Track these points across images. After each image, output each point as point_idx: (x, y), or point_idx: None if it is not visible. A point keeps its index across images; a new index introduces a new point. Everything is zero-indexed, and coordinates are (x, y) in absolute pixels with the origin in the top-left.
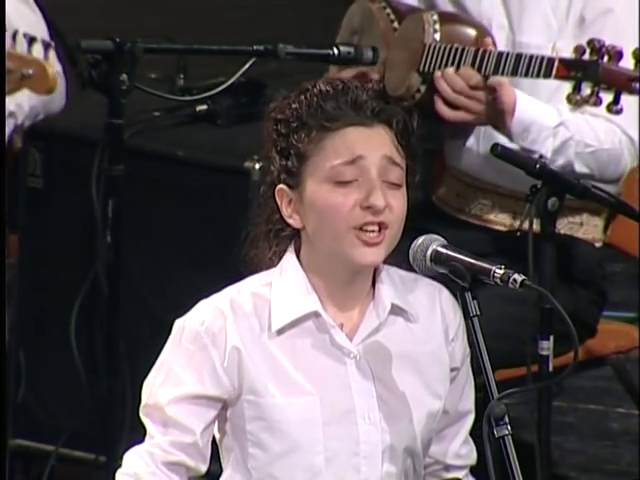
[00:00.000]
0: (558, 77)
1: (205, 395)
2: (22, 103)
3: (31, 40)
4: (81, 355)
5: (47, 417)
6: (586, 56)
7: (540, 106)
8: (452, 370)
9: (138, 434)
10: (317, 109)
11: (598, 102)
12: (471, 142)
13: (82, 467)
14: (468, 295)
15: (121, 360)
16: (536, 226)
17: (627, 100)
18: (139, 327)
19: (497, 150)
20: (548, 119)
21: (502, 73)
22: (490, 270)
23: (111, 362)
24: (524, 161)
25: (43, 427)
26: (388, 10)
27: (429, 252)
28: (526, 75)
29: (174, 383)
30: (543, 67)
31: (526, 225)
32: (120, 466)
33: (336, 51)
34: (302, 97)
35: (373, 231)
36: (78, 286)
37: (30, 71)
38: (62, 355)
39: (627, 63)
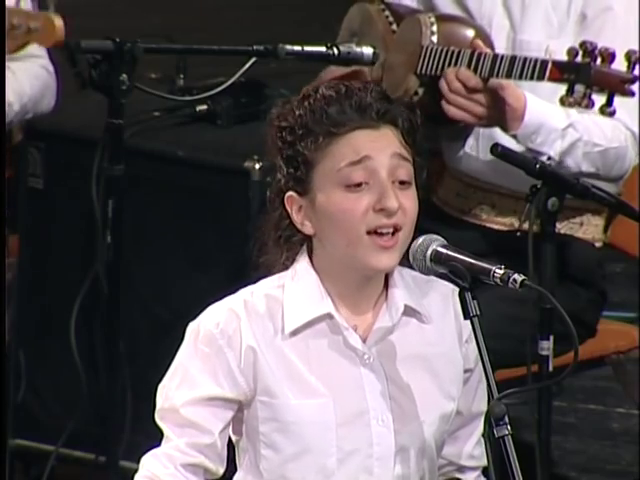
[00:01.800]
0: (551, 79)
1: (222, 397)
2: (12, 103)
3: None
4: (81, 355)
5: (47, 417)
6: (579, 58)
7: (549, 108)
8: (466, 371)
9: (138, 434)
10: (322, 115)
11: (590, 104)
12: (471, 143)
13: (82, 467)
14: (468, 295)
15: (121, 360)
16: (536, 226)
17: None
18: (139, 327)
19: (497, 150)
20: (557, 121)
21: (497, 75)
22: (490, 270)
23: (111, 362)
24: (524, 161)
25: (43, 427)
26: (387, 12)
27: (429, 252)
28: (520, 77)
29: (190, 386)
30: (537, 69)
31: (526, 225)
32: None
33: (336, 51)
34: (306, 103)
35: (387, 234)
36: (78, 286)
37: (37, 24)
38: (62, 355)
39: (620, 62)
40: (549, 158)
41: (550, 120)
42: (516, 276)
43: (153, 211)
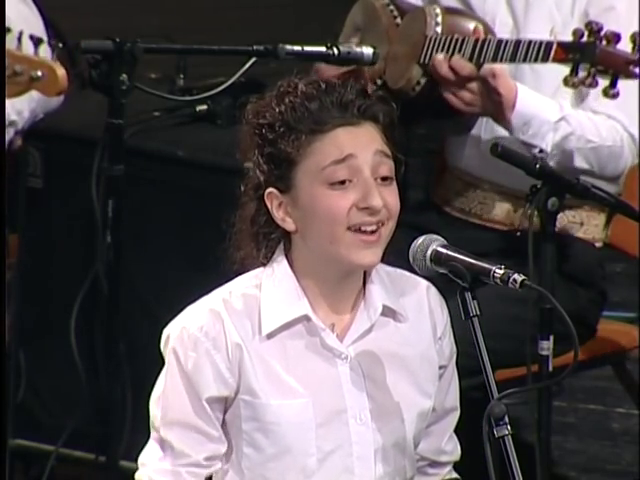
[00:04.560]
0: (556, 60)
1: (216, 397)
2: (22, 110)
3: (38, 41)
4: (81, 355)
5: (47, 417)
6: (584, 39)
7: (542, 100)
8: (440, 367)
9: (138, 434)
10: (303, 112)
11: (594, 84)
12: (473, 141)
13: (82, 467)
14: (468, 295)
15: (121, 360)
16: (536, 226)
17: (628, 97)
18: (139, 327)
19: (497, 150)
20: (549, 113)
21: (501, 60)
22: (490, 270)
23: (111, 362)
24: (524, 161)
25: (43, 427)
26: (391, 7)
27: (429, 252)
28: (524, 60)
29: (188, 393)
30: (541, 51)
31: (526, 225)
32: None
33: (336, 51)
34: (286, 100)
35: (372, 232)
36: (78, 286)
37: (39, 73)
38: (62, 355)
39: (625, 46)
40: (541, 151)
41: (542, 112)
42: (516, 276)
43: (153, 211)
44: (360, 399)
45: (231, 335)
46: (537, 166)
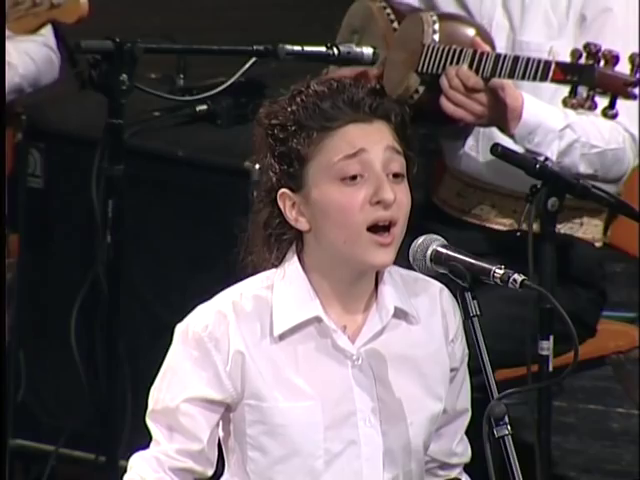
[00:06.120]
0: (554, 81)
1: (210, 399)
2: (27, 75)
3: None
4: (81, 355)
5: (47, 417)
6: (582, 60)
7: (547, 109)
8: (452, 370)
9: (138, 434)
10: (315, 110)
11: (593, 106)
12: (471, 143)
13: (82, 467)
14: (468, 295)
15: (121, 360)
16: (536, 226)
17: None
18: (139, 327)
19: (497, 150)
20: (555, 122)
21: (499, 75)
22: (490, 270)
23: (111, 362)
24: (524, 161)
25: (43, 427)
26: (388, 10)
27: (429, 252)
28: (523, 78)
29: (180, 389)
30: (540, 70)
31: (526, 225)
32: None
33: (336, 51)
34: (298, 99)
35: (384, 227)
36: (78, 286)
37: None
38: (62, 355)
39: (623, 65)
40: (546, 159)
41: (548, 121)
42: (516, 276)
43: (153, 211)
44: (370, 401)
45: (234, 341)
46: (537, 166)
